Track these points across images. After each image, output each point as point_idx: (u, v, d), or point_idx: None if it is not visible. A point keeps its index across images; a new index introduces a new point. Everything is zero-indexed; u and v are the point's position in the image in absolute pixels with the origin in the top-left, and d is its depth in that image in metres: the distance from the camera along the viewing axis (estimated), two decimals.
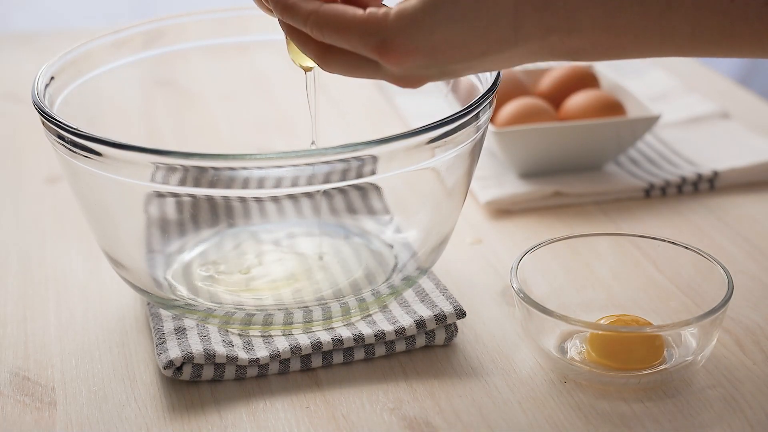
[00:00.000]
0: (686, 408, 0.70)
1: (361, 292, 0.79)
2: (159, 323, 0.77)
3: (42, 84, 0.78)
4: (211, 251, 0.85)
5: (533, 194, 0.97)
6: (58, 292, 0.85)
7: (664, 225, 0.94)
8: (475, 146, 0.75)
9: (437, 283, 0.80)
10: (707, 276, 0.76)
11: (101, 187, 0.74)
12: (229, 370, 0.73)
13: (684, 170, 1.00)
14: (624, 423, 0.69)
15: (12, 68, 1.33)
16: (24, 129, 1.15)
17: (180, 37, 0.91)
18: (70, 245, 0.91)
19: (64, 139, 0.71)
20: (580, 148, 0.99)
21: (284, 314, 0.76)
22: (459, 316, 0.76)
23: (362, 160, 0.69)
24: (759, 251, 0.89)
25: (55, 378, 0.75)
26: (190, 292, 0.80)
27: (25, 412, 0.72)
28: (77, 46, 0.84)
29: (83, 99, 0.83)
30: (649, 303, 0.79)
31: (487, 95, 0.74)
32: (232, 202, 0.86)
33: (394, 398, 0.72)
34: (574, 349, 0.74)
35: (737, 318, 0.79)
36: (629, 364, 0.72)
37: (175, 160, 0.68)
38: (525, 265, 0.76)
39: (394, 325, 0.76)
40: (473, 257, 0.89)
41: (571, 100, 1.03)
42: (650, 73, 1.24)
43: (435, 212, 0.78)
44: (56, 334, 0.80)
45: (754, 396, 0.71)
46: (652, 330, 0.73)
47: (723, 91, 1.22)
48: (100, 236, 0.79)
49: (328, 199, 0.88)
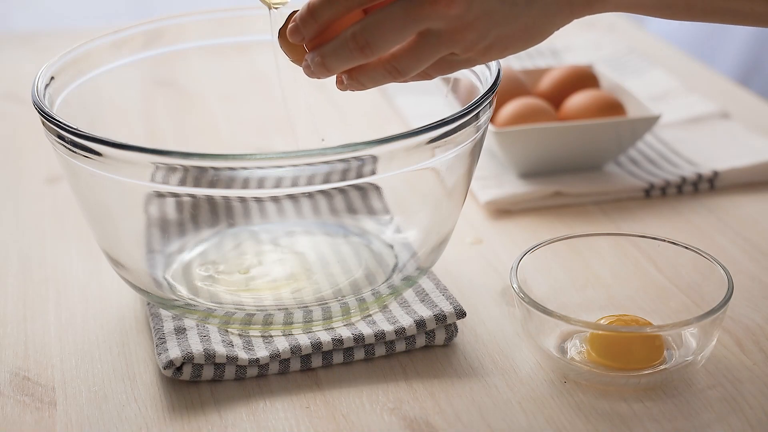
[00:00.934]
0: (686, 408, 0.70)
1: (361, 292, 0.79)
2: (159, 323, 0.77)
3: (42, 84, 0.78)
4: (211, 251, 0.85)
5: (533, 194, 0.97)
6: (58, 292, 0.85)
7: (664, 225, 0.94)
8: (475, 146, 0.75)
9: (437, 283, 0.80)
10: (707, 276, 0.76)
11: (101, 187, 0.74)
12: (229, 370, 0.73)
13: (684, 170, 1.00)
14: (624, 423, 0.69)
15: (12, 68, 1.33)
16: (24, 129, 1.15)
17: (180, 37, 0.91)
18: (70, 245, 0.91)
19: (64, 139, 0.71)
20: (580, 148, 0.99)
21: (284, 314, 0.76)
22: (459, 316, 0.76)
23: (362, 160, 0.69)
24: (759, 251, 0.89)
25: (55, 378, 0.75)
26: (190, 292, 0.80)
27: (25, 412, 0.72)
28: (77, 46, 0.84)
29: (83, 99, 0.83)
30: (649, 303, 0.79)
31: (487, 95, 0.74)
32: (232, 202, 0.86)
33: (394, 398, 0.72)
34: (574, 349, 0.74)
35: (737, 318, 0.79)
36: (629, 364, 0.72)
37: (175, 160, 0.68)
38: (525, 265, 0.76)
39: (394, 325, 0.76)
40: (473, 257, 0.89)
41: (571, 100, 1.03)
42: (650, 73, 1.24)
43: (435, 212, 0.78)
44: (56, 334, 0.80)
45: (754, 396, 0.71)
46: (652, 330, 0.73)
47: (723, 91, 1.22)
48: (100, 236, 0.79)
49: (328, 199, 0.88)
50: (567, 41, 1.32)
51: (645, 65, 1.26)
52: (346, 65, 0.68)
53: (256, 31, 0.92)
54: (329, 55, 0.68)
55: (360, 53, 0.67)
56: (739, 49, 1.70)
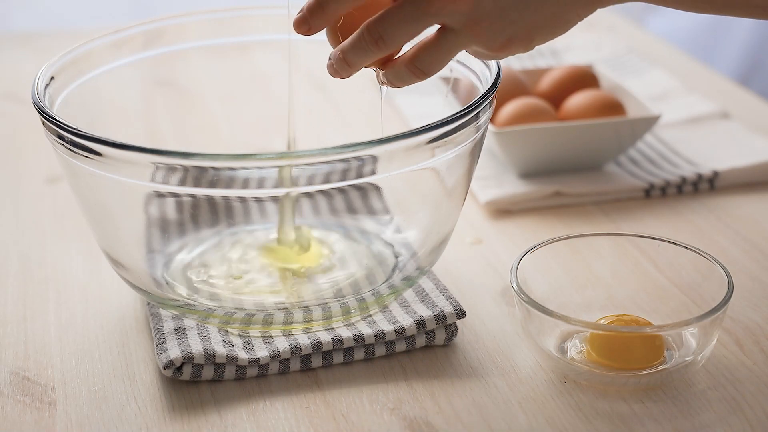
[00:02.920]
0: (686, 408, 0.70)
1: (361, 292, 0.79)
2: (159, 323, 0.77)
3: (42, 84, 0.78)
4: (208, 253, 0.85)
5: (533, 194, 0.97)
6: (58, 292, 0.85)
7: (664, 225, 0.94)
8: (475, 146, 0.75)
9: (437, 283, 0.80)
10: (707, 276, 0.76)
11: (101, 187, 0.74)
12: (229, 370, 0.73)
13: (684, 170, 1.00)
14: (624, 423, 0.69)
15: (12, 68, 1.33)
16: (24, 129, 1.15)
17: (180, 37, 0.91)
18: (70, 245, 0.91)
19: (64, 139, 0.71)
20: (580, 148, 0.99)
21: (284, 314, 0.76)
22: (459, 316, 0.76)
23: (362, 160, 0.69)
24: (759, 251, 0.89)
25: (55, 378, 0.75)
26: (190, 292, 0.80)
27: (25, 412, 0.72)
28: (77, 46, 0.84)
29: (83, 99, 0.83)
30: (649, 303, 0.79)
31: (487, 95, 0.74)
32: (232, 202, 0.86)
33: (394, 398, 0.72)
34: (574, 349, 0.74)
35: (737, 318, 0.79)
36: (629, 364, 0.72)
37: (175, 160, 0.68)
38: (525, 265, 0.76)
39: (394, 325, 0.76)
40: (473, 257, 0.89)
41: (571, 100, 1.03)
42: (650, 73, 1.24)
43: (435, 212, 0.78)
44: (56, 334, 0.80)
45: (755, 396, 0.71)
46: (652, 330, 0.73)
47: (723, 91, 1.22)
48: (100, 236, 0.79)
49: (328, 199, 0.88)
50: (567, 41, 1.32)
51: (645, 65, 1.26)
52: (365, 59, 0.69)
53: (256, 31, 0.92)
54: (348, 49, 0.69)
55: (375, 46, 0.68)
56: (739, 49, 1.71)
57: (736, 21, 1.71)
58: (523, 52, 0.69)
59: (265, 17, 0.92)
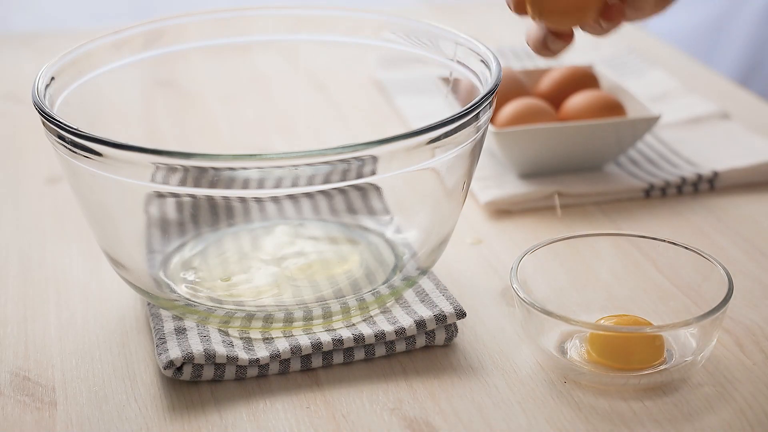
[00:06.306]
0: (686, 408, 0.70)
1: (361, 292, 0.79)
2: (159, 323, 0.77)
3: (42, 84, 0.78)
4: (206, 253, 0.85)
5: (533, 194, 0.97)
6: (58, 292, 0.85)
7: (664, 225, 0.94)
8: (475, 146, 0.75)
9: (437, 283, 0.80)
10: (707, 276, 0.76)
11: (101, 187, 0.74)
12: (230, 370, 0.73)
13: (684, 170, 1.00)
14: (624, 423, 0.69)
15: (12, 68, 1.33)
16: (24, 129, 1.15)
17: (180, 38, 0.91)
18: (70, 245, 0.91)
19: (65, 140, 0.71)
20: (580, 149, 0.99)
21: (284, 314, 0.76)
22: (459, 317, 0.76)
23: (362, 160, 0.69)
24: (759, 251, 0.89)
25: (55, 378, 0.75)
26: (190, 292, 0.80)
27: (25, 412, 0.72)
28: (77, 47, 0.84)
29: (83, 99, 0.83)
30: (649, 303, 0.79)
31: (488, 96, 0.74)
32: (232, 203, 0.86)
33: (394, 398, 0.72)
34: (574, 349, 0.74)
35: (737, 318, 0.79)
36: (629, 364, 0.72)
37: (175, 161, 0.68)
38: (525, 266, 0.76)
39: (394, 326, 0.76)
40: (473, 257, 0.89)
41: (571, 101, 1.03)
42: (650, 74, 1.24)
43: (435, 212, 0.78)
44: (56, 334, 0.80)
45: (754, 396, 0.71)
46: (652, 330, 0.73)
47: (723, 91, 1.22)
48: (100, 236, 0.79)
49: (328, 199, 0.88)
50: None
51: (645, 65, 1.26)
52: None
53: (256, 31, 0.92)
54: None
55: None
56: (739, 49, 1.70)
57: (736, 21, 1.71)
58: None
59: (265, 17, 0.92)
